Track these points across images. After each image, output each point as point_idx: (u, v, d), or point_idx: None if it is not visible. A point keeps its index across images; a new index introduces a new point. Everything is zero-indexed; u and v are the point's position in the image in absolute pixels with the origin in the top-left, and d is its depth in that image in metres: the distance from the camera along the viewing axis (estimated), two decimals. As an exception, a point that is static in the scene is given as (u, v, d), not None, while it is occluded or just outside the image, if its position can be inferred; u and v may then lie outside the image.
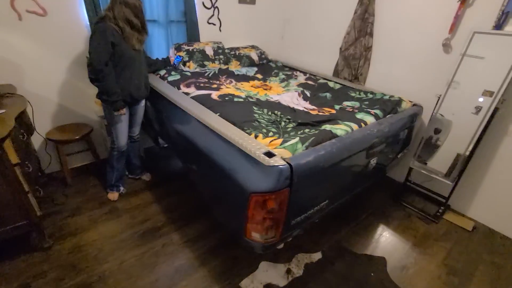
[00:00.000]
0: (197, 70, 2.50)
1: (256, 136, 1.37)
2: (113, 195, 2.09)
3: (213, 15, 2.78)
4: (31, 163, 1.61)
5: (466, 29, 1.87)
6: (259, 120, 1.57)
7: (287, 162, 1.16)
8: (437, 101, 1.98)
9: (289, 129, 1.48)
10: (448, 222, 2.11)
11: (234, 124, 1.51)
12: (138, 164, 2.30)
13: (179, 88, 2.05)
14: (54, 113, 2.19)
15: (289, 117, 1.62)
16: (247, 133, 1.41)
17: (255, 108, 1.75)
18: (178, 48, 2.54)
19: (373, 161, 1.70)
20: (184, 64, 2.50)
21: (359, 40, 2.43)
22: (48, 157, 2.19)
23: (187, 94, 1.95)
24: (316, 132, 1.42)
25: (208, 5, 2.70)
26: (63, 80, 2.14)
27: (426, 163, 2.11)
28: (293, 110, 1.80)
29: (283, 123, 1.55)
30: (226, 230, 1.83)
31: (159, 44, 2.54)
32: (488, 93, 1.77)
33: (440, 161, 2.04)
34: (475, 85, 1.79)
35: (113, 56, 1.67)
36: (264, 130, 1.43)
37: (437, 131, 2.08)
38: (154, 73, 2.36)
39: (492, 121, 1.78)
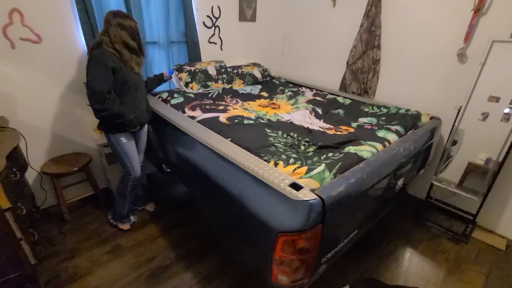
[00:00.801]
0: (201, 91, 2.39)
1: (276, 164, 1.24)
2: (125, 227, 1.96)
3: (214, 34, 2.71)
4: (24, 204, 1.45)
5: (482, 39, 1.80)
6: (275, 144, 1.44)
7: (318, 195, 1.02)
8: (457, 113, 1.88)
9: (310, 154, 1.35)
10: (478, 241, 1.96)
11: (249, 150, 1.38)
12: (142, 194, 2.15)
13: (183, 112, 1.93)
14: (49, 144, 2.04)
15: (307, 139, 1.50)
16: (264, 160, 1.28)
17: (268, 130, 1.63)
18: (179, 69, 2.44)
19: (400, 182, 1.56)
20: (187, 85, 2.40)
21: (366, 54, 2.36)
22: (43, 192, 2.03)
23: (192, 117, 1.82)
24: (341, 156, 1.29)
25: (209, 24, 2.64)
26: (59, 108, 2.01)
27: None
28: (308, 130, 1.68)
29: (302, 147, 1.42)
30: (245, 269, 1.65)
31: (160, 66, 2.44)
32: (494, 99, 1.69)
33: (453, 172, 1.96)
34: (484, 93, 1.72)
35: (115, 82, 1.55)
36: (284, 156, 1.30)
37: (453, 143, 1.98)
38: (154, 96, 2.25)
39: (520, 133, 1.67)
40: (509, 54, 1.66)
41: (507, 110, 1.67)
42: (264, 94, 2.54)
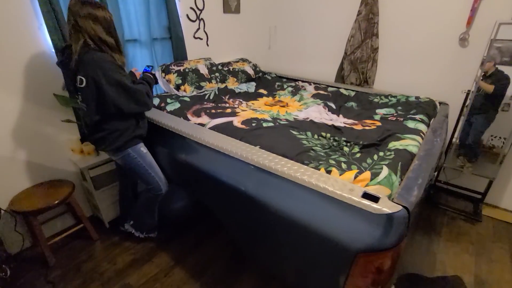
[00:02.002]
0: (195, 93, 2.12)
1: (328, 172, 1.08)
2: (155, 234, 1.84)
3: (198, 29, 2.43)
4: None
5: (484, 22, 1.82)
6: (313, 148, 1.28)
7: (400, 204, 0.89)
8: (465, 97, 1.90)
9: (358, 155, 1.22)
10: (488, 218, 2.05)
11: (286, 157, 1.20)
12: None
13: (187, 119, 1.67)
14: (16, 175, 1.62)
15: (344, 138, 1.36)
16: (312, 168, 1.11)
17: (294, 132, 1.46)
18: (166, 70, 2.14)
19: (436, 172, 1.52)
20: (178, 88, 2.11)
21: (365, 42, 2.30)
22: (19, 236, 1.61)
23: (201, 125, 1.58)
24: (394, 154, 1.18)
25: (193, 17, 2.35)
26: (24, 127, 1.60)
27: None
28: (336, 128, 1.55)
29: (346, 148, 1.28)
30: None
31: (143, 66, 2.08)
32: None
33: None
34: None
35: None
36: (332, 162, 1.14)
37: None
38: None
39: (528, 111, 1.74)
40: (510, 36, 1.71)
41: (516, 91, 1.72)
42: (263, 91, 2.35)
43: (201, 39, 2.49)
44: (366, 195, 0.93)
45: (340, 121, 1.70)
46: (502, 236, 1.87)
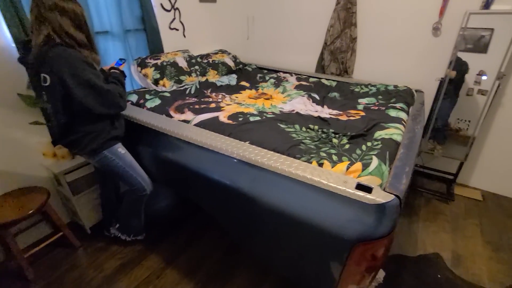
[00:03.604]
0: (175, 87, 2.03)
1: (320, 164, 1.09)
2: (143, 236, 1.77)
3: (174, 19, 2.31)
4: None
5: (455, 11, 1.91)
6: (303, 141, 1.28)
7: (392, 193, 0.92)
8: (440, 84, 2.00)
9: (347, 146, 1.24)
10: (461, 197, 2.21)
11: (277, 151, 1.19)
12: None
13: (169, 116, 1.60)
14: (-20, 184, 1.47)
15: (332, 130, 1.38)
16: (304, 161, 1.11)
17: (282, 125, 1.45)
18: (142, 64, 2.02)
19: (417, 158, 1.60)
20: (157, 83, 2.00)
21: (344, 32, 2.32)
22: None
23: (185, 121, 1.52)
24: (381, 144, 1.22)
25: (168, 6, 2.22)
26: (-13, 133, 1.45)
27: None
28: (323, 120, 1.56)
29: (335, 140, 1.30)
30: (297, 283, 1.48)
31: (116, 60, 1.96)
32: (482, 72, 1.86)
33: None
34: (473, 64, 1.86)
35: None
36: (323, 154, 1.16)
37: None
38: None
39: (495, 97, 1.87)
40: (480, 24, 1.80)
41: (484, 78, 1.84)
42: (245, 84, 2.30)
43: (177, 30, 2.37)
44: (359, 186, 0.95)
45: (325, 112, 1.72)
46: (473, 213, 2.03)
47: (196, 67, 2.27)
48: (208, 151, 1.27)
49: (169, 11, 2.24)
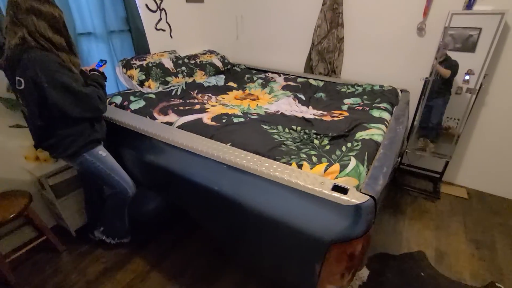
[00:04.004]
0: (160, 89, 2.02)
1: (300, 166, 1.09)
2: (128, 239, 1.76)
3: (160, 19, 2.29)
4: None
5: (438, 12, 1.93)
6: (285, 142, 1.28)
7: (367, 194, 0.93)
8: (424, 84, 2.02)
9: (327, 147, 1.24)
10: (446, 195, 2.24)
11: (258, 153, 1.19)
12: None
13: (153, 118, 1.59)
14: (-41, 189, 1.45)
15: (314, 131, 1.38)
16: (283, 163, 1.12)
17: (265, 127, 1.45)
18: (127, 66, 2.00)
19: (399, 157, 1.61)
20: (142, 85, 1.99)
21: (331, 32, 2.33)
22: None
23: (169, 123, 1.51)
24: (361, 145, 1.22)
25: (153, 7, 2.20)
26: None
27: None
28: (306, 120, 1.57)
29: (316, 141, 1.30)
30: (279, 284, 1.49)
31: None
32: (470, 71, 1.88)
33: None
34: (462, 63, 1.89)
35: None
36: (303, 155, 1.16)
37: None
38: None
39: (478, 96, 1.90)
40: (468, 24, 1.82)
41: (467, 77, 1.86)
42: (233, 84, 2.30)
43: (164, 30, 2.35)
44: (335, 188, 0.96)
45: (310, 112, 1.72)
46: (457, 210, 2.06)
47: (183, 68, 2.26)
48: (189, 153, 1.27)
49: (154, 11, 2.22)
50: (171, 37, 2.44)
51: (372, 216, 0.92)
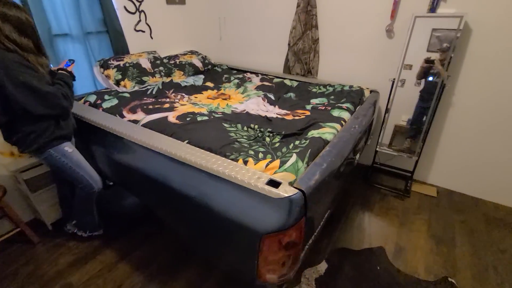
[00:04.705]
0: (136, 88, 2.09)
1: (245, 162, 1.16)
2: (101, 231, 1.83)
3: (140, 21, 2.36)
4: None
5: (405, 14, 1.98)
6: (238, 140, 1.35)
7: (297, 188, 0.99)
8: (392, 85, 2.07)
9: (277, 145, 1.31)
10: (417, 193, 2.29)
11: (211, 150, 1.26)
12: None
13: (122, 116, 1.66)
14: None
15: (269, 129, 1.45)
16: (231, 159, 1.18)
17: (226, 125, 1.52)
18: (104, 66, 2.08)
19: (357, 156, 1.67)
20: (118, 84, 2.06)
21: (306, 34, 2.39)
22: None
23: (135, 122, 1.58)
24: (308, 142, 1.29)
25: (132, 9, 2.28)
26: None
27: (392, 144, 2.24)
28: (267, 119, 1.63)
29: (267, 139, 1.37)
30: (229, 273, 1.57)
31: (77, 63, 2.00)
32: (408, 66, 1.93)
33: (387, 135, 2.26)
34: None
35: None
36: (251, 152, 1.23)
37: (386, 111, 2.20)
38: (77, 100, 1.87)
39: (442, 96, 1.94)
40: (427, 27, 1.87)
41: (430, 78, 1.91)
42: (210, 84, 2.37)
43: (144, 31, 2.43)
44: (270, 182, 1.02)
45: (275, 112, 1.78)
46: (424, 208, 2.11)
47: (161, 68, 2.33)
48: (147, 150, 1.33)
49: (133, 13, 2.30)
50: (152, 38, 2.51)
51: (301, 209, 0.98)
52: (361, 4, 2.13)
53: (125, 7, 2.22)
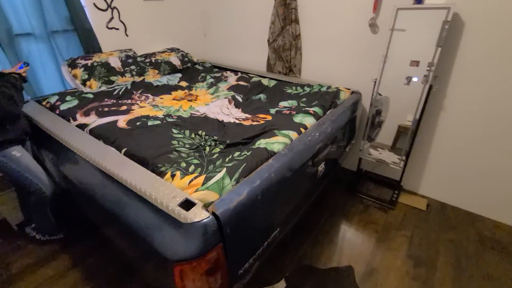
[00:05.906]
0: (103, 88, 2.02)
1: (173, 176, 1.04)
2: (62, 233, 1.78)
3: (112, 18, 2.29)
4: None
5: (389, 7, 1.76)
6: (178, 149, 1.23)
7: (212, 212, 0.86)
8: (374, 85, 1.86)
9: (215, 156, 1.18)
10: (403, 205, 2.07)
11: (145, 160, 1.15)
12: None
13: (74, 119, 1.59)
14: None
15: (215, 137, 1.32)
16: (161, 171, 1.07)
17: (174, 131, 1.41)
18: (72, 65, 2.02)
19: (322, 167, 1.50)
20: (85, 84, 2.00)
21: (286, 29, 2.21)
22: None
23: (84, 126, 1.50)
24: (248, 154, 1.15)
25: (102, 6, 2.20)
26: None
27: (376, 146, 2.03)
28: (222, 124, 1.50)
29: (207, 148, 1.24)
30: None
31: (43, 63, 1.97)
32: (414, 63, 1.70)
33: (386, 135, 1.99)
34: (404, 58, 1.71)
35: None
36: (184, 164, 1.10)
37: (378, 112, 1.99)
38: (40, 102, 1.83)
39: (429, 98, 1.71)
40: (413, 20, 1.65)
41: (415, 79, 1.69)
42: (183, 84, 2.26)
43: (118, 29, 2.35)
44: (185, 203, 0.90)
45: (235, 116, 1.65)
46: (408, 223, 1.90)
47: (133, 67, 2.25)
48: (80, 157, 1.25)
49: (104, 10, 2.22)
50: (127, 35, 2.43)
51: (215, 235, 0.86)
52: (343, -4, 1.92)
53: (94, 4, 2.14)
